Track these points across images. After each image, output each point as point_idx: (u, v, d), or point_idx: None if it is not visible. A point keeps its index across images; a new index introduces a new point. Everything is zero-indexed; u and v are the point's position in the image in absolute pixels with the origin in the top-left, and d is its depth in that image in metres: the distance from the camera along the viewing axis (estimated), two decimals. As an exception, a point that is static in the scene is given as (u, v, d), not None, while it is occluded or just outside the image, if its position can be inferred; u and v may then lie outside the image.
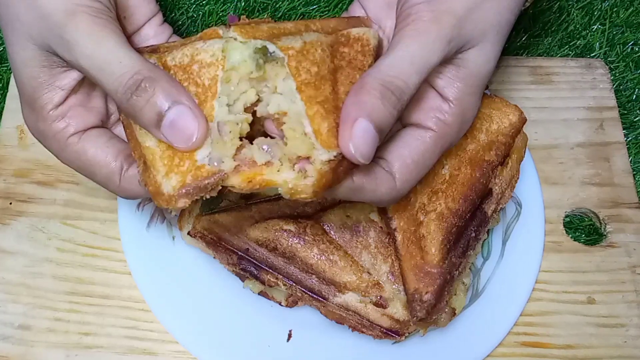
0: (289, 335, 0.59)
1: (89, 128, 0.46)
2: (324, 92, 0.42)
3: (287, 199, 0.41)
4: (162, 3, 0.74)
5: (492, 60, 0.46)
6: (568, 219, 0.67)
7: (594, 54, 0.75)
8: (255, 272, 0.56)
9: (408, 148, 0.45)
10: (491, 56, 0.45)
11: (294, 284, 0.56)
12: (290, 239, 0.55)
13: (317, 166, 0.39)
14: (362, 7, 0.52)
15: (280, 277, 0.56)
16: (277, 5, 0.76)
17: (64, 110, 0.44)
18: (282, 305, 0.59)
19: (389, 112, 0.40)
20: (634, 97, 0.74)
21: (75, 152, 0.45)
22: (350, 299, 0.55)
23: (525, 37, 0.76)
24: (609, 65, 0.74)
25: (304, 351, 0.58)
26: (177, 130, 0.40)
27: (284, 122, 0.41)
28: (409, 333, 0.55)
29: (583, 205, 0.67)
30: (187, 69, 0.43)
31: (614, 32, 0.76)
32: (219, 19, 0.75)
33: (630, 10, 0.77)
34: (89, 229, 0.63)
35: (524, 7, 0.52)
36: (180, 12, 0.75)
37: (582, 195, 0.67)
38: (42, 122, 0.45)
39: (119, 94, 0.41)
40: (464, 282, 0.58)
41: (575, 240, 0.66)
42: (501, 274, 0.62)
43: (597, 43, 0.75)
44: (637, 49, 0.76)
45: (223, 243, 0.57)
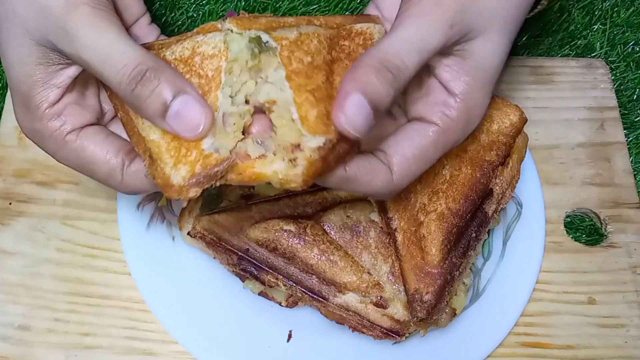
0: (289, 336, 0.59)
1: (86, 126, 0.45)
2: (315, 81, 0.41)
3: (288, 201, 0.41)
4: (162, 3, 0.74)
5: (500, 54, 0.44)
6: (569, 219, 0.67)
7: (594, 53, 0.75)
8: (256, 273, 0.56)
9: (409, 141, 0.44)
10: (498, 48, 0.44)
11: (294, 285, 0.56)
12: (291, 239, 0.55)
13: (306, 154, 0.39)
14: (377, 9, 0.51)
15: (281, 277, 0.56)
16: (277, 5, 0.75)
17: (59, 109, 0.44)
18: (282, 306, 0.59)
19: (385, 89, 0.40)
20: (635, 97, 0.74)
21: (73, 150, 0.44)
22: (351, 299, 0.55)
23: (526, 37, 0.76)
24: (610, 65, 0.74)
25: (304, 351, 0.58)
26: (184, 119, 0.40)
27: (273, 111, 0.41)
28: (409, 333, 0.55)
29: (584, 205, 0.67)
30: (189, 61, 0.42)
31: (615, 32, 0.76)
32: (219, 19, 0.74)
33: (631, 10, 0.77)
34: (88, 229, 0.63)
35: (536, 10, 0.51)
36: (180, 12, 0.75)
37: (583, 196, 0.67)
38: (37, 121, 0.44)
39: (122, 85, 0.40)
40: (464, 283, 0.58)
41: (575, 240, 0.66)
42: (502, 274, 0.62)
43: (598, 43, 0.75)
44: (638, 49, 0.76)
45: (223, 243, 0.57)
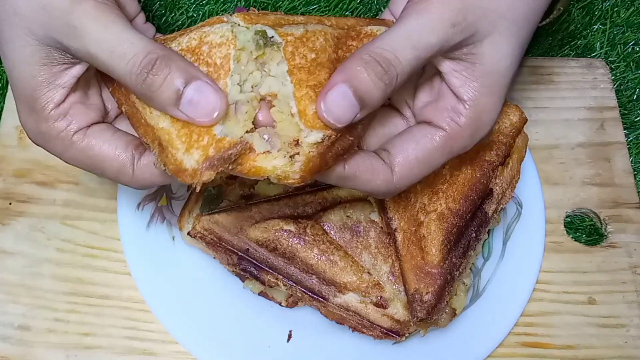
0: (289, 336, 0.59)
1: (92, 124, 0.45)
2: (317, 78, 0.41)
3: (288, 201, 0.41)
4: (162, 3, 0.74)
5: (510, 57, 0.43)
6: (569, 219, 0.67)
7: (594, 53, 0.75)
8: (256, 273, 0.56)
9: (414, 144, 0.44)
10: (507, 51, 0.43)
11: (294, 285, 0.56)
12: (291, 239, 0.55)
13: (304, 150, 0.39)
14: (392, 15, 0.51)
15: (281, 277, 0.56)
16: (278, 5, 0.75)
17: (65, 109, 0.44)
18: (282, 306, 0.59)
19: (373, 81, 0.39)
20: (635, 97, 0.73)
21: (81, 149, 0.44)
22: (351, 299, 0.55)
23: (526, 37, 0.76)
24: (610, 65, 0.74)
25: (304, 351, 0.58)
26: (199, 105, 0.40)
27: (274, 105, 0.41)
28: (409, 333, 0.55)
29: (584, 205, 0.67)
30: (196, 50, 0.42)
31: (615, 32, 0.76)
32: (224, 15, 0.75)
33: (631, 10, 0.77)
34: (88, 229, 0.63)
35: (552, 16, 0.51)
36: (180, 12, 0.75)
37: (583, 196, 0.67)
38: (44, 123, 0.44)
39: (133, 75, 0.40)
40: (464, 283, 0.58)
41: (575, 240, 0.66)
42: (502, 274, 0.62)
43: (598, 43, 0.75)
44: (637, 49, 0.75)
45: (223, 243, 0.57)
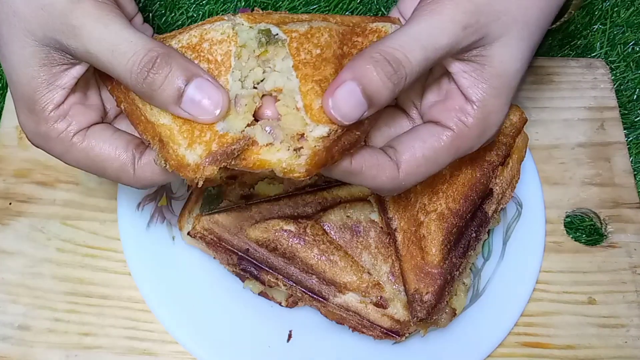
0: (289, 336, 0.59)
1: (91, 125, 0.45)
2: (323, 73, 0.41)
3: (288, 201, 0.41)
4: (162, 3, 0.74)
5: (520, 60, 0.43)
6: (569, 219, 0.67)
7: (594, 53, 0.75)
8: (256, 273, 0.56)
9: (421, 142, 0.44)
10: (517, 54, 0.43)
11: (294, 285, 0.56)
12: (291, 239, 0.55)
13: (310, 144, 0.39)
14: (400, 13, 0.51)
15: (281, 277, 0.56)
16: (278, 5, 0.75)
17: (65, 110, 0.44)
18: (282, 306, 0.59)
19: (382, 80, 0.39)
20: (635, 97, 0.73)
21: (82, 150, 0.44)
22: (351, 299, 0.55)
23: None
24: (610, 65, 0.74)
25: (304, 351, 0.58)
26: (200, 103, 0.40)
27: (279, 100, 0.41)
28: (409, 333, 0.55)
29: (584, 205, 0.67)
30: (197, 47, 0.42)
31: (615, 32, 0.76)
32: (226, 14, 0.75)
33: (631, 10, 0.77)
34: (88, 230, 0.63)
35: (563, 19, 0.51)
36: (180, 12, 0.74)
37: (583, 196, 0.67)
38: (43, 124, 0.44)
39: (133, 74, 0.40)
40: (464, 283, 0.58)
41: (575, 240, 0.65)
42: (502, 274, 0.62)
43: (598, 43, 0.75)
44: (637, 49, 0.75)
45: (223, 243, 0.57)
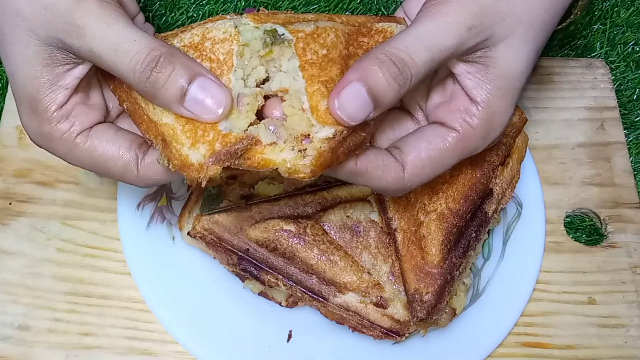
0: (289, 336, 0.59)
1: (94, 125, 0.45)
2: (329, 73, 0.41)
3: (288, 201, 0.41)
4: (162, 3, 0.74)
5: (525, 61, 0.43)
6: (569, 219, 0.67)
7: (594, 53, 0.75)
8: (256, 273, 0.56)
9: (427, 143, 0.44)
10: (522, 55, 0.43)
11: (294, 285, 0.56)
12: (291, 240, 0.55)
13: (315, 144, 0.39)
14: (405, 14, 0.51)
15: (281, 277, 0.56)
16: (278, 5, 0.75)
17: (68, 110, 0.44)
18: (282, 306, 0.59)
19: (387, 81, 0.40)
20: (635, 97, 0.73)
21: (85, 150, 0.44)
22: (351, 299, 0.55)
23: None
24: (610, 65, 0.74)
25: (304, 351, 0.58)
26: (204, 103, 0.40)
27: (285, 100, 0.41)
28: (409, 333, 0.55)
29: (584, 205, 0.67)
30: (199, 46, 0.42)
31: (615, 32, 0.76)
32: (228, 14, 0.75)
33: (631, 10, 0.77)
34: (88, 229, 0.63)
35: (568, 20, 0.51)
36: (180, 12, 0.75)
37: (583, 196, 0.67)
38: (46, 125, 0.43)
39: (136, 73, 0.40)
40: (464, 283, 0.58)
41: (575, 240, 0.66)
42: (502, 274, 0.62)
43: (598, 43, 0.75)
44: (637, 49, 0.75)
45: (223, 243, 0.57)
